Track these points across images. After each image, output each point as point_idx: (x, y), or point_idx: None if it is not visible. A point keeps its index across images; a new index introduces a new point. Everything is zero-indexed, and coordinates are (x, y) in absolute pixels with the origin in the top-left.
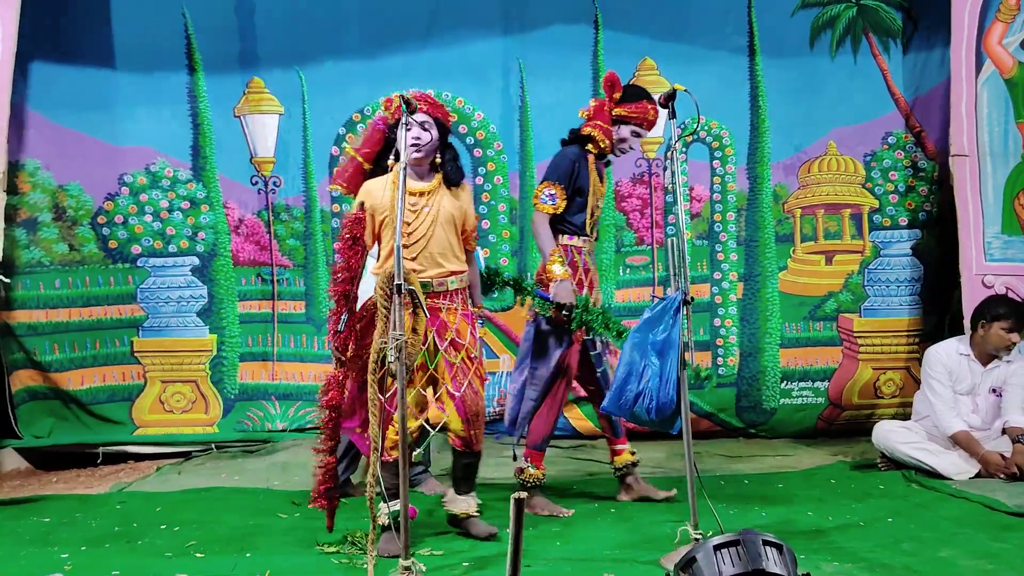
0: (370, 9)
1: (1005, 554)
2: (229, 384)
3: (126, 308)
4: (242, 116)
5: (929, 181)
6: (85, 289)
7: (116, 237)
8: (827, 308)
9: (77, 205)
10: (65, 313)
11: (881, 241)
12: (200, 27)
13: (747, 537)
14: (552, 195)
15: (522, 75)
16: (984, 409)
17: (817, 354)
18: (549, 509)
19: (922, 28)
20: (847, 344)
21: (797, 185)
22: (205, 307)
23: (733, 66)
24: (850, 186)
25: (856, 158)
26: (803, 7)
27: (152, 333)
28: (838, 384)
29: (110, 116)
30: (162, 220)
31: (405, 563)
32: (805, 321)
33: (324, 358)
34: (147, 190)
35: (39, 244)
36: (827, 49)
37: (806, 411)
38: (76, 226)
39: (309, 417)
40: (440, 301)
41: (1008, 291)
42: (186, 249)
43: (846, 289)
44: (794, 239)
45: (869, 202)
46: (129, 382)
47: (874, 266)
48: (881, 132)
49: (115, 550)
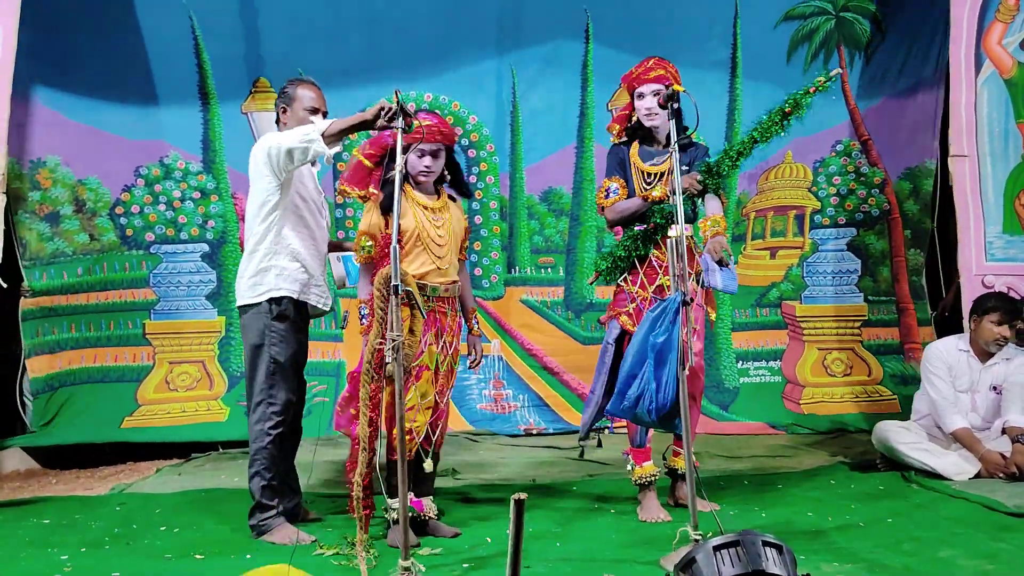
0: (371, 14)
1: (1004, 554)
2: (236, 363)
3: (139, 292)
4: (249, 113)
5: (869, 185)
6: (103, 275)
7: (132, 225)
8: (771, 296)
9: (96, 197)
10: (84, 297)
11: (820, 238)
12: (207, 30)
13: (747, 538)
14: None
15: (514, 82)
16: (984, 407)
17: (766, 336)
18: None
19: (889, 37)
20: (791, 327)
21: (756, 191)
22: (214, 291)
23: (714, 79)
24: (798, 190)
25: (807, 165)
26: (785, 19)
27: (163, 316)
28: (790, 363)
29: (125, 113)
30: (175, 209)
31: (404, 563)
32: (752, 308)
33: (332, 337)
34: (161, 181)
35: (62, 236)
36: (802, 63)
37: (769, 390)
38: (96, 217)
39: (314, 391)
40: (444, 306)
41: (1009, 291)
42: (196, 236)
43: (787, 280)
44: (746, 238)
45: (812, 204)
46: (139, 363)
47: (812, 260)
48: (832, 140)
49: (115, 551)
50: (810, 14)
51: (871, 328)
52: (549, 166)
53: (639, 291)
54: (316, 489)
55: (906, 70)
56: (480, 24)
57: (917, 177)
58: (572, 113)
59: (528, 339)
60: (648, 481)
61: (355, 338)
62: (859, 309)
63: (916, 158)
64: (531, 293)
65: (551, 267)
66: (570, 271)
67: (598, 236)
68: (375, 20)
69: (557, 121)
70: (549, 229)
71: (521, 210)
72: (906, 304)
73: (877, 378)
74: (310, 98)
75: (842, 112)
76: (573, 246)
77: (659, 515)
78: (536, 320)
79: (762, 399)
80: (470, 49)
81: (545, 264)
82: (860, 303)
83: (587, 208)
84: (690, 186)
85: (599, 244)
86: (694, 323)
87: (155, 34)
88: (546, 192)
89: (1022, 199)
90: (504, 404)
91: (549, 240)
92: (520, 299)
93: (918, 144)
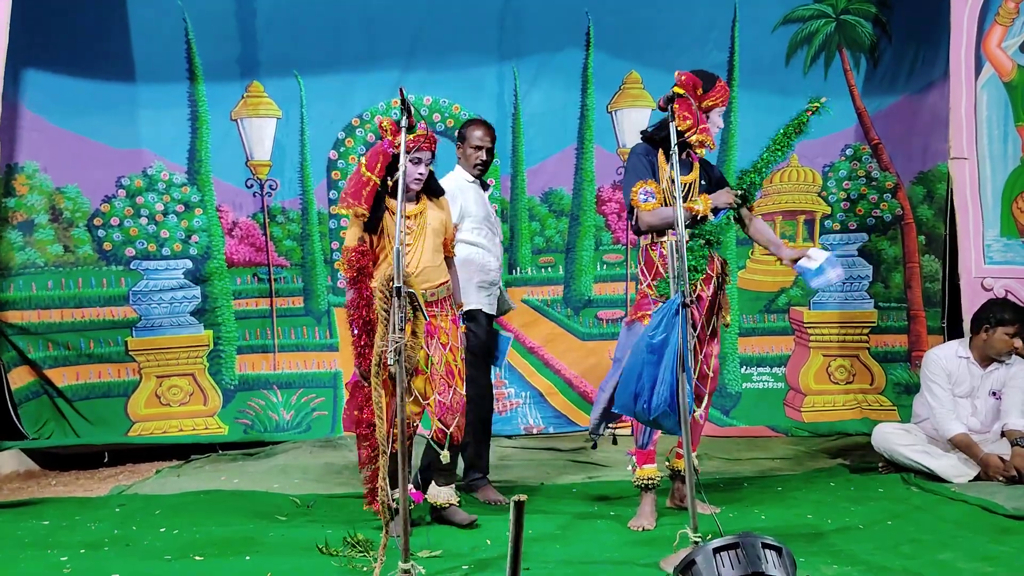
0: (370, 16)
1: (1004, 557)
2: (227, 375)
3: (119, 310)
4: (239, 120)
5: (880, 190)
6: (78, 290)
7: (111, 239)
8: (779, 302)
9: (74, 207)
10: (58, 314)
11: (830, 243)
12: (201, 32)
13: (746, 540)
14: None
15: (516, 84)
16: (983, 412)
17: (772, 342)
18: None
19: (896, 39)
20: (798, 334)
21: (760, 194)
22: (199, 307)
23: None
24: (807, 195)
25: (816, 169)
26: (784, 23)
27: (146, 332)
28: (794, 369)
29: (110, 120)
30: (157, 223)
31: (405, 565)
32: (760, 313)
33: (325, 347)
34: (143, 193)
35: (34, 246)
36: (801, 66)
37: (771, 396)
38: (72, 228)
39: (313, 405)
40: (434, 309)
41: (1008, 294)
42: (179, 252)
43: (796, 285)
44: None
45: (822, 209)
46: (124, 378)
47: None
48: (841, 144)
49: (114, 553)
50: (809, 17)
51: (880, 335)
52: (549, 167)
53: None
54: (316, 490)
55: (916, 73)
56: (481, 26)
57: (930, 181)
58: (572, 115)
59: (529, 337)
60: (647, 484)
61: (350, 345)
62: (868, 315)
63: (929, 162)
64: (531, 293)
65: (551, 266)
66: (569, 270)
67: (596, 235)
68: (374, 21)
69: (558, 123)
70: (549, 229)
71: (522, 212)
72: (917, 311)
73: (879, 387)
74: (478, 137)
75: (850, 116)
76: (572, 245)
77: (642, 523)
78: (536, 318)
79: (763, 405)
80: (471, 51)
81: (545, 264)
82: (870, 309)
83: (586, 208)
84: (729, 204)
85: (597, 243)
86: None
87: (146, 37)
88: (547, 193)
89: (1020, 203)
90: (506, 403)
91: (549, 240)
92: (521, 299)
93: (930, 147)
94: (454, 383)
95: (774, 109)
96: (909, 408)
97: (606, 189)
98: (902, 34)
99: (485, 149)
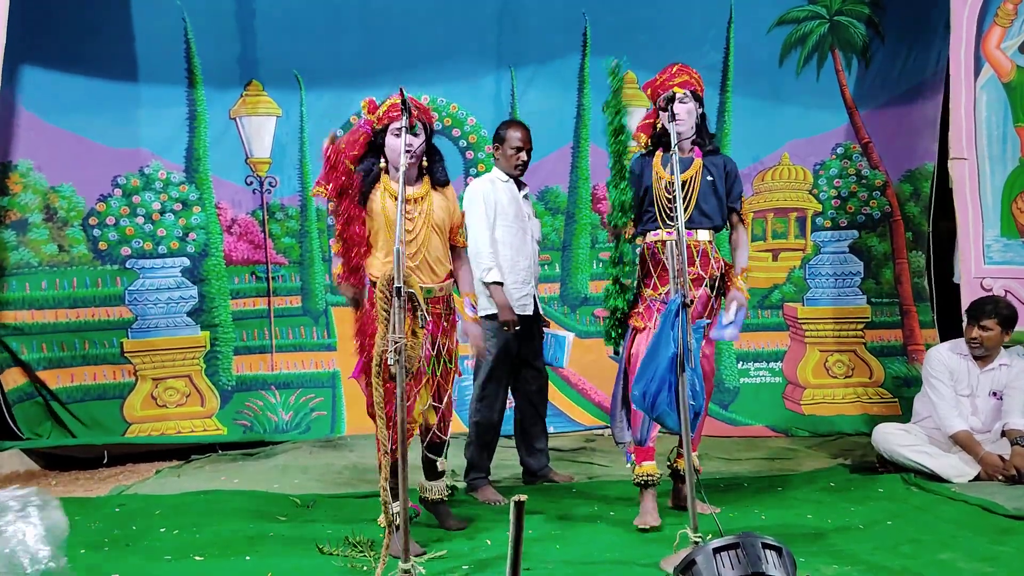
0: (369, 16)
1: (1004, 556)
2: (225, 376)
3: (114, 310)
4: (238, 118)
5: (870, 188)
6: (72, 290)
7: (106, 238)
8: (773, 298)
9: (69, 206)
10: (52, 314)
11: (821, 240)
12: (200, 32)
13: (746, 540)
14: None
15: (513, 83)
16: (984, 411)
17: (767, 338)
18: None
19: (888, 41)
20: (793, 329)
21: (751, 192)
22: (196, 307)
23: (705, 81)
24: (798, 192)
25: (807, 167)
26: (779, 24)
27: (142, 333)
28: (791, 364)
29: (107, 119)
30: (153, 222)
31: (405, 566)
32: (754, 309)
33: (323, 347)
34: (140, 192)
35: (28, 245)
36: (794, 66)
37: (769, 390)
38: (66, 227)
39: (311, 405)
40: (438, 306)
41: (1007, 294)
42: (176, 250)
43: (789, 282)
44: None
45: (813, 206)
46: (119, 380)
47: (814, 262)
48: (832, 143)
49: (114, 553)
50: (804, 18)
51: (875, 330)
52: (546, 166)
53: (651, 292)
54: (316, 490)
55: (906, 73)
56: (479, 26)
57: (917, 179)
58: (569, 114)
59: None
60: (646, 481)
61: (349, 344)
62: (862, 311)
63: (916, 161)
64: None
65: (547, 264)
66: (566, 267)
67: (592, 233)
68: (373, 21)
69: (554, 122)
70: (546, 227)
71: None
72: (909, 306)
73: (879, 380)
74: (517, 139)
75: (841, 116)
76: (569, 243)
77: (647, 520)
78: None
79: (762, 399)
80: (469, 51)
81: (542, 261)
82: (863, 305)
83: (582, 206)
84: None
85: (593, 240)
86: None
87: (145, 36)
88: (543, 191)
89: (1019, 203)
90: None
91: (546, 238)
92: None
93: (919, 147)
94: (448, 388)
95: (766, 108)
96: (910, 400)
97: (601, 187)
98: (894, 35)
99: (525, 150)
